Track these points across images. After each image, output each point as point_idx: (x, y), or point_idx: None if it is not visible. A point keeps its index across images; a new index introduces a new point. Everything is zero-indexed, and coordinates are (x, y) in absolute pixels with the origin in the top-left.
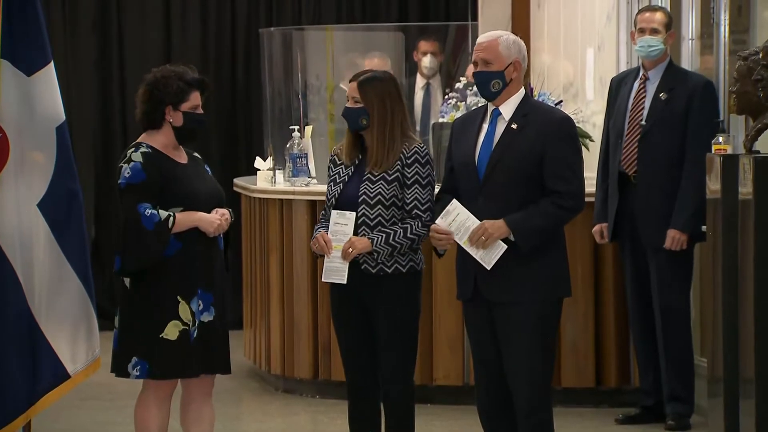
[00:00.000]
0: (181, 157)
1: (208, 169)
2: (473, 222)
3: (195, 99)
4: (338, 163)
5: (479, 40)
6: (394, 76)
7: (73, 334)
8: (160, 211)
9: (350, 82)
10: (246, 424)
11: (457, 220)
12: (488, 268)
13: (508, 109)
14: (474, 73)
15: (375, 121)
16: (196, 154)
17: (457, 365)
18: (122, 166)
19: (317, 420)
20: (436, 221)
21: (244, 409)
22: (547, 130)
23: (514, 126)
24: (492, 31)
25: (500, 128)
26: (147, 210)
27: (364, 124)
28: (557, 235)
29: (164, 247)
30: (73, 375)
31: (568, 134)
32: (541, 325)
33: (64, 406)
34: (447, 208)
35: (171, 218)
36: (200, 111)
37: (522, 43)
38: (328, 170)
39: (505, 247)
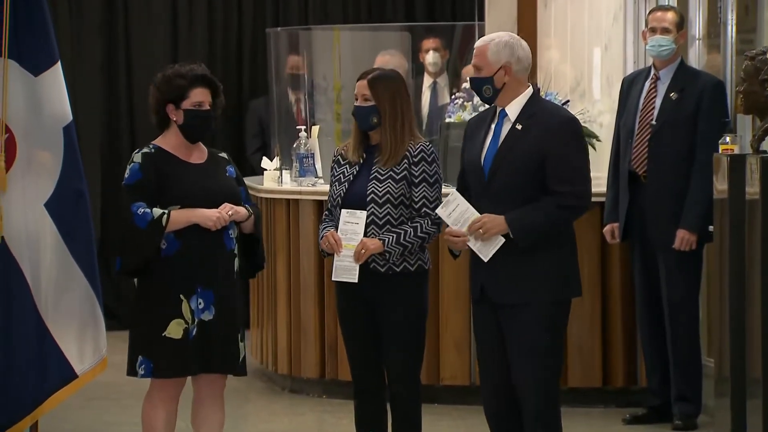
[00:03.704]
0: (195, 157)
1: (231, 169)
2: (472, 213)
3: (198, 96)
4: (342, 162)
5: (475, 44)
6: (401, 74)
7: (81, 334)
8: (154, 209)
9: (358, 80)
10: (253, 423)
11: (457, 210)
12: (485, 260)
13: (513, 109)
14: (469, 78)
15: (387, 119)
16: (222, 155)
17: (463, 365)
18: (126, 167)
19: (324, 420)
20: (436, 211)
21: (250, 409)
22: (549, 132)
23: (518, 127)
24: (488, 35)
25: (506, 129)
26: (140, 209)
27: (374, 123)
28: (565, 235)
29: (158, 245)
30: (80, 375)
31: (571, 135)
32: (547, 326)
33: (71, 405)
34: (447, 198)
35: (165, 216)
36: (205, 108)
37: (519, 43)
38: (332, 170)
39: (503, 240)
